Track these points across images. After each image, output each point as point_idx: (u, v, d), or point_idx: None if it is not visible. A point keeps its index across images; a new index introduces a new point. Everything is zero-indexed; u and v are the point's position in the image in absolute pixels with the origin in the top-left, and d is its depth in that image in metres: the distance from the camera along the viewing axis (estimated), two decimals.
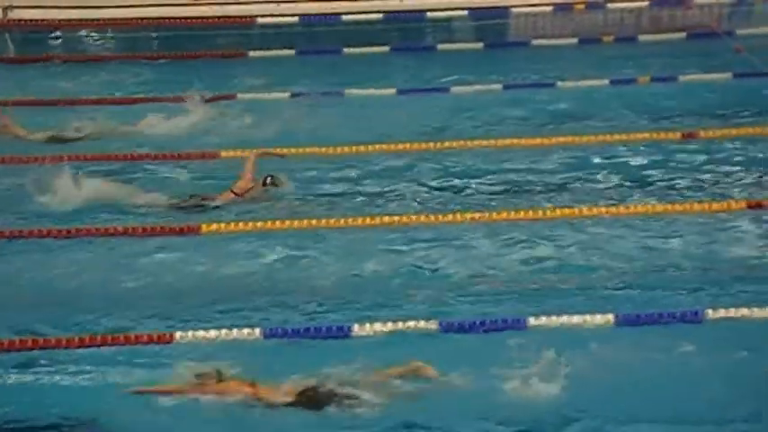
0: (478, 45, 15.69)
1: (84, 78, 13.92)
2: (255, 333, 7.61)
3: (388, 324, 7.62)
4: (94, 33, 16.47)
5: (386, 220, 9.44)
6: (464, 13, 17.51)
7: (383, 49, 15.22)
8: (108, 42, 16.26)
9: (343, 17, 17.36)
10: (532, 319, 7.64)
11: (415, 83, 13.50)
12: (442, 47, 15.54)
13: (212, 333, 7.61)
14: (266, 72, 14.01)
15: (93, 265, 8.84)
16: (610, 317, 7.66)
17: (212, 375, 6.87)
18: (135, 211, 9.78)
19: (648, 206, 9.66)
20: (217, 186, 10.18)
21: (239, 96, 13.02)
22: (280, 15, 17.41)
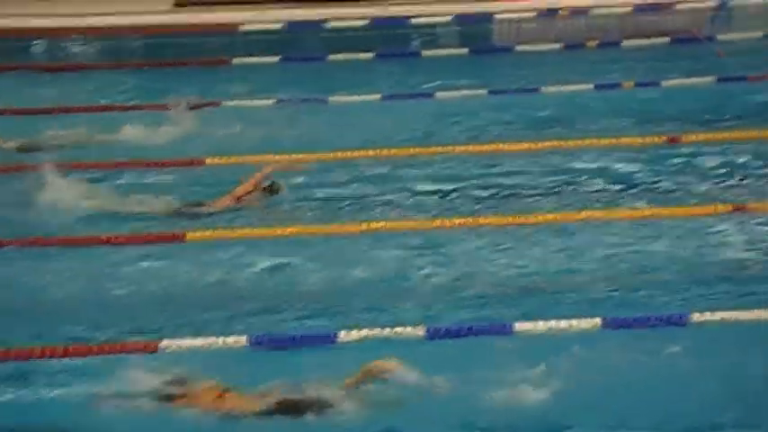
0: (463, 51, 15.71)
1: (65, 87, 13.86)
2: (242, 341, 7.56)
3: (375, 330, 7.59)
4: (76, 41, 16.41)
5: (372, 225, 9.42)
6: (448, 19, 17.56)
7: (367, 55, 15.23)
8: (90, 50, 16.20)
9: (328, 24, 17.37)
10: (519, 324, 7.62)
11: (399, 89, 13.49)
12: (426, 53, 15.56)
13: (199, 341, 7.56)
14: (250, 79, 13.98)
15: (77, 275, 8.77)
16: (597, 321, 7.65)
17: (182, 382, 6.77)
18: (118, 218, 9.73)
19: (634, 210, 9.67)
20: (203, 194, 10.14)
21: (223, 103, 12.99)
22: (263, 22, 17.41)
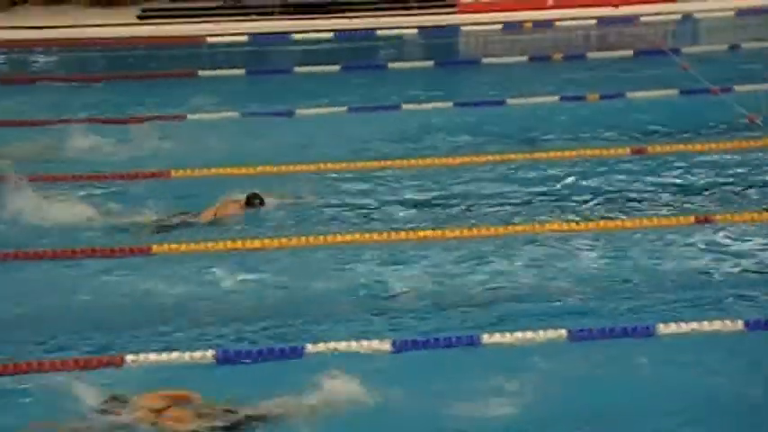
0: (429, 63, 15.77)
1: (26, 99, 13.74)
2: (207, 356, 7.52)
3: (341, 343, 7.58)
4: (39, 53, 16.30)
5: (338, 239, 9.40)
6: (414, 31, 17.62)
7: (333, 68, 15.23)
8: (53, 63, 16.09)
9: (294, 36, 17.37)
10: (486, 336, 7.63)
11: (366, 101, 13.50)
12: (392, 65, 15.59)
13: (164, 356, 7.51)
14: (216, 92, 13.93)
15: (42, 288, 8.69)
16: (562, 332, 7.67)
17: (123, 400, 6.69)
18: (80, 231, 9.65)
19: (599, 222, 9.72)
20: (170, 206, 10.07)
21: (189, 117, 12.94)
22: (229, 35, 17.38)
